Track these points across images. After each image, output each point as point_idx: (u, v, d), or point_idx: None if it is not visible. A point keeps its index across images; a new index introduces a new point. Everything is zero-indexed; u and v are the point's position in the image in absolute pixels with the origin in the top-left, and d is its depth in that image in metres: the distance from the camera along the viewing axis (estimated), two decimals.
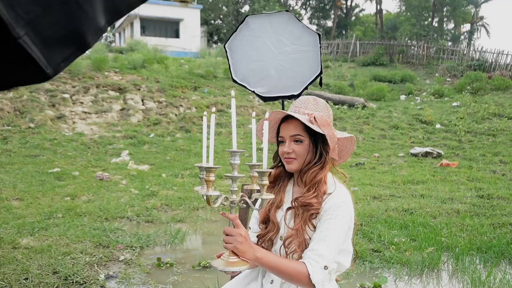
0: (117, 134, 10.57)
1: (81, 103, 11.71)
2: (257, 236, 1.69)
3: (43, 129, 10.20)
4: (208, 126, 1.36)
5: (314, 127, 1.53)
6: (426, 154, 9.68)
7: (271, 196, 1.41)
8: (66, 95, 11.61)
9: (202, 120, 1.31)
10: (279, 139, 1.64)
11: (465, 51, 21.28)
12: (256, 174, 1.36)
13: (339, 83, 16.95)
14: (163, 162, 8.71)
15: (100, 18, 0.71)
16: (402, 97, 16.27)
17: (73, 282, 3.35)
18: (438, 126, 12.24)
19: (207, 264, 3.72)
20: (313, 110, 1.60)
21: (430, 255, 3.80)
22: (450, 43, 31.04)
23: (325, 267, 1.42)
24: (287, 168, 1.62)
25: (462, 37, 40.96)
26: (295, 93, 3.59)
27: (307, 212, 1.52)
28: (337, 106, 14.29)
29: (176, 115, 12.22)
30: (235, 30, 3.40)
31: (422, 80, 19.01)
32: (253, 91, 3.63)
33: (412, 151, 9.90)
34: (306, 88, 3.57)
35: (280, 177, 1.71)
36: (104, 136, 10.39)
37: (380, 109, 14.21)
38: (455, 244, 4.16)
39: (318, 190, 1.54)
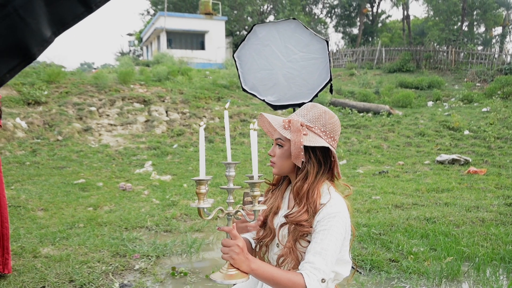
0: (141, 145, 10.77)
1: (107, 115, 12.02)
2: (253, 238, 1.70)
3: (71, 141, 10.51)
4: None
5: (286, 132, 1.52)
6: (453, 162, 9.39)
7: (264, 207, 1.41)
8: (93, 108, 11.95)
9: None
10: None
11: (495, 55, 20.64)
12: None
13: (364, 90, 16.73)
14: (185, 172, 8.80)
15: (45, 30, 0.72)
16: (429, 103, 15.88)
17: None
18: (466, 132, 11.87)
19: None
20: (303, 116, 1.58)
21: (448, 265, 3.66)
22: (480, 47, 30.17)
23: (323, 280, 1.40)
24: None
25: (494, 40, 39.68)
26: (306, 101, 3.57)
27: (298, 231, 1.50)
28: (361, 114, 14.10)
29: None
30: (243, 40, 3.42)
31: (450, 85, 18.54)
32: (263, 100, 3.63)
33: (438, 158, 9.62)
34: (316, 95, 3.54)
35: (281, 180, 1.72)
36: (129, 148, 10.61)
37: (406, 116, 13.92)
38: (476, 254, 3.99)
39: (308, 204, 1.51)
